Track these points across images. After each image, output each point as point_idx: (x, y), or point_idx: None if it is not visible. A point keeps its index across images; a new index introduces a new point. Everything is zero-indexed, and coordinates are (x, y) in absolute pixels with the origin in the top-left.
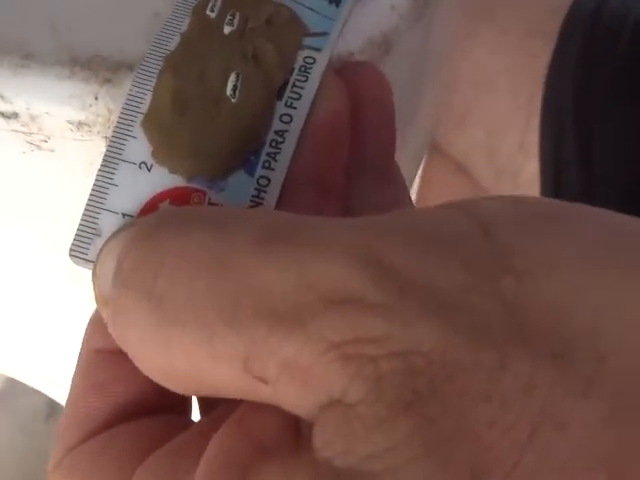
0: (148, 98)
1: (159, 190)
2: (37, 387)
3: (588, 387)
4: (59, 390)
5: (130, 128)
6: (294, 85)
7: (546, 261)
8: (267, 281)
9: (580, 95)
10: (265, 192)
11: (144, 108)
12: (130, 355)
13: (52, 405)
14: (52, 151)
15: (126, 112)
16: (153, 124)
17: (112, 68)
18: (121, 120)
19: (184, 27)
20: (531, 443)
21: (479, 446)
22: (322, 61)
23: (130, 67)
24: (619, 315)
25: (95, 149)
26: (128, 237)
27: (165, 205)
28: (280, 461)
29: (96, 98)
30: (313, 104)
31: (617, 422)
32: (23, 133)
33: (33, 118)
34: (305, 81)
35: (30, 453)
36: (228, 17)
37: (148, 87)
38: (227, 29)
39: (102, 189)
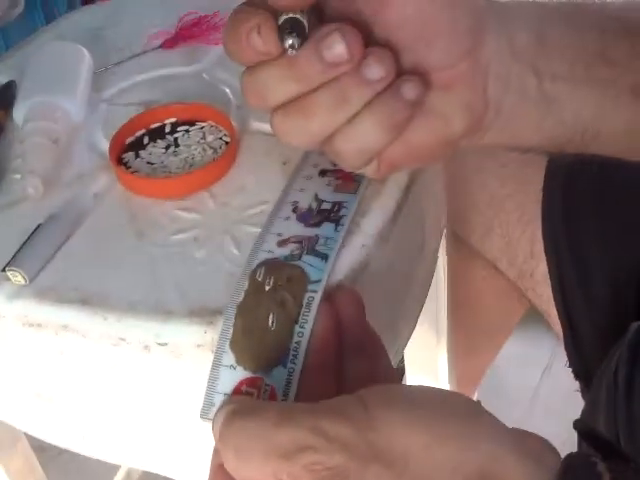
0: (231, 330)
1: (240, 379)
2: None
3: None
4: None
5: (224, 347)
6: (303, 315)
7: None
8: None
9: (566, 218)
10: (291, 377)
11: (229, 335)
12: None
13: None
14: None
15: (221, 339)
16: (236, 344)
17: (212, 313)
18: (219, 344)
19: (245, 286)
20: None
21: None
22: (318, 297)
23: (221, 312)
24: (415, 441)
25: (206, 358)
26: (224, 414)
27: (244, 389)
28: None
29: (205, 332)
30: (314, 324)
31: None
32: (171, 352)
33: (176, 345)
34: (309, 312)
35: None
36: (267, 279)
37: (230, 324)
38: (267, 287)
39: (213, 380)
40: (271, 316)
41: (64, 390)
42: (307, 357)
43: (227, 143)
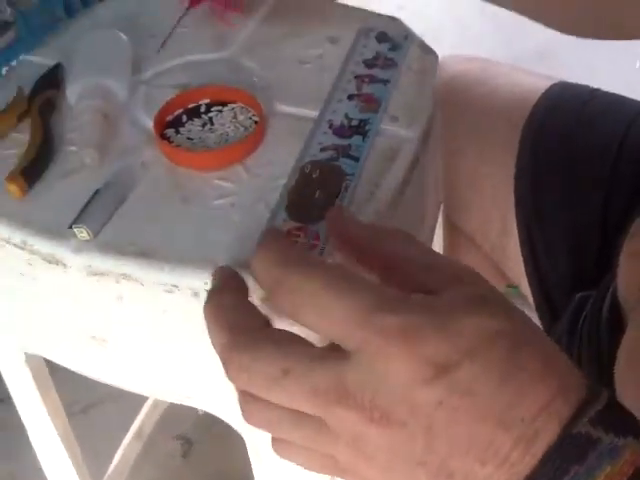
0: (285, 201)
1: (290, 227)
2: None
3: None
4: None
5: (280, 209)
6: (342, 193)
7: None
8: None
9: (534, 189)
10: None
11: (284, 203)
12: None
13: (186, 447)
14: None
15: (277, 205)
16: (288, 208)
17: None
18: (275, 208)
19: (296, 176)
20: None
21: None
22: (353, 184)
23: None
24: None
25: None
26: None
27: (294, 232)
28: None
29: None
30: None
31: None
32: None
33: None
34: (346, 193)
35: None
36: (313, 171)
37: (284, 198)
38: (313, 175)
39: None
40: (317, 192)
41: (118, 333)
42: None
43: (256, 122)
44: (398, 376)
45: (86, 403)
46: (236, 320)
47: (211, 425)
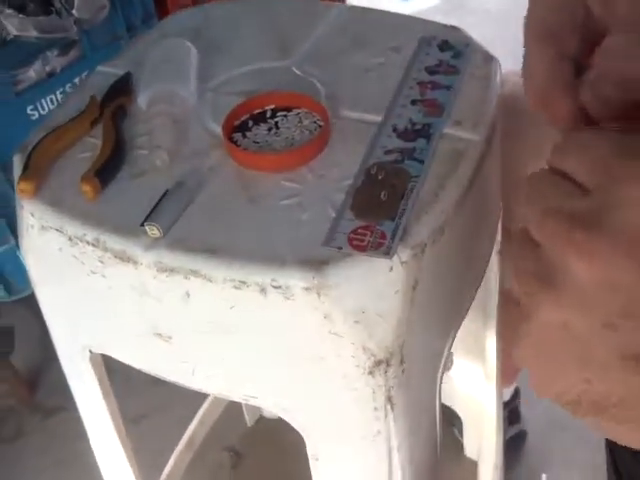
0: (350, 200)
1: (356, 226)
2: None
3: None
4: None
5: (345, 209)
6: (406, 194)
7: None
8: None
9: None
10: (397, 229)
11: (349, 204)
12: None
13: (235, 458)
14: (290, 298)
15: (341, 207)
16: (354, 208)
17: (319, 263)
18: (340, 209)
19: (362, 177)
20: None
21: None
22: (418, 185)
23: (326, 262)
24: None
25: (314, 300)
26: None
27: (360, 231)
28: None
29: (313, 277)
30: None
31: None
32: (283, 294)
33: (288, 287)
34: (411, 193)
35: None
36: (379, 173)
37: (349, 199)
38: (379, 177)
39: (335, 225)
40: (383, 192)
41: (183, 329)
42: None
43: (321, 126)
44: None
45: (137, 413)
46: None
47: (259, 438)
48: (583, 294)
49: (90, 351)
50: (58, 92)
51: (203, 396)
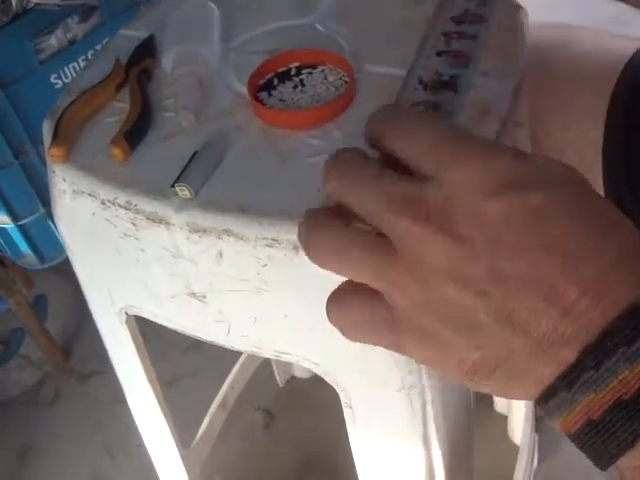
0: None
1: None
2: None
3: None
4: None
5: None
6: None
7: None
8: None
9: (627, 162)
10: None
11: None
12: None
13: (268, 419)
14: None
15: None
16: None
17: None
18: None
19: None
20: None
21: None
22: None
23: None
24: None
25: None
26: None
27: None
28: None
29: None
30: None
31: None
32: None
33: None
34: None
35: (254, 455)
36: None
37: None
38: None
39: None
40: None
41: (217, 288)
42: None
43: (346, 82)
44: (468, 185)
45: (169, 377)
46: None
47: (291, 398)
48: (452, 268)
49: (126, 313)
50: (80, 59)
51: (233, 360)
